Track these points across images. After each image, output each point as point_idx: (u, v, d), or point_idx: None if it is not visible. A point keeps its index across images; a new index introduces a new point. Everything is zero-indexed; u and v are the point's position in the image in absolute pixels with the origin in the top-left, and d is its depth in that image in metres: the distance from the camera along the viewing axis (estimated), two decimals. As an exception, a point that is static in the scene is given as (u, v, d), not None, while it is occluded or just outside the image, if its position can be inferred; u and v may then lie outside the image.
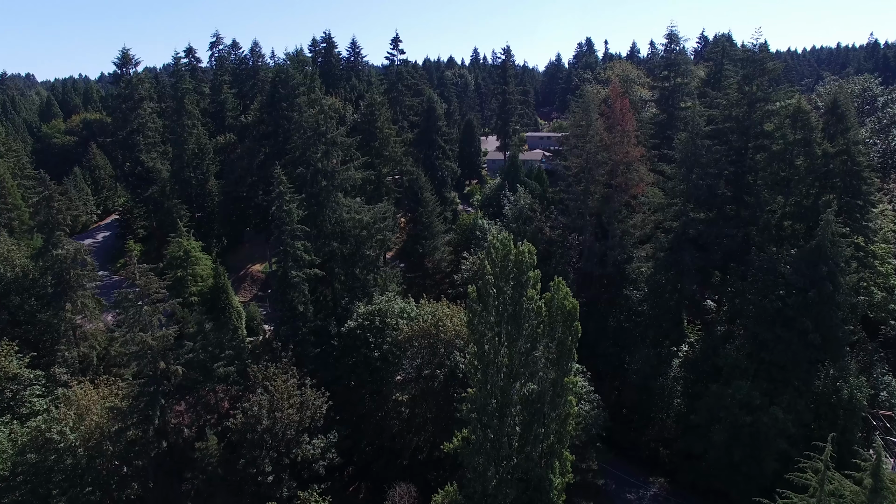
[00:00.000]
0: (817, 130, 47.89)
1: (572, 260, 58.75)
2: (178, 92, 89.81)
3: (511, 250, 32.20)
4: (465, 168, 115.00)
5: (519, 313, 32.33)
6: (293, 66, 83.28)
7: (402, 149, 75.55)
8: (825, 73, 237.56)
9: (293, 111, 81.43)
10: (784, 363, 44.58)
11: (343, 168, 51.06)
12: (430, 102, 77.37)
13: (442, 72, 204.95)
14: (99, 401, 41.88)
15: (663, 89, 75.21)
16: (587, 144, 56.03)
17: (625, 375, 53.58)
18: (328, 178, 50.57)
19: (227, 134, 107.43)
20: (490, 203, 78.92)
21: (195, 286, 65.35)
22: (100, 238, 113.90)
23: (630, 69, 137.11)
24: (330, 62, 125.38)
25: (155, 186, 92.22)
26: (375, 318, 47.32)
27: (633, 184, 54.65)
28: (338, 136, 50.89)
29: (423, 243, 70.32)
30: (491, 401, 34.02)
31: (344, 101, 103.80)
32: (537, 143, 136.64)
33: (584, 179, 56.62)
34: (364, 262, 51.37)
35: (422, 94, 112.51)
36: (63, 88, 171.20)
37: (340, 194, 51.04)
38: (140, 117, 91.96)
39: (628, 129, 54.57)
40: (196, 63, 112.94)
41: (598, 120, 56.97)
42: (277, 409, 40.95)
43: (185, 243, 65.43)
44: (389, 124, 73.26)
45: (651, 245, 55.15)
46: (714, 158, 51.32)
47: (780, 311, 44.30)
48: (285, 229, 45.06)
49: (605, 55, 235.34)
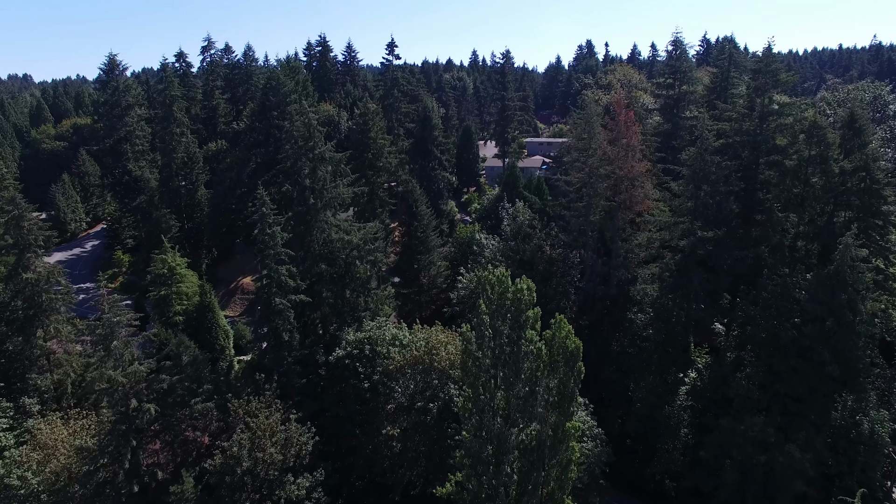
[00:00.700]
0: (834, 146, 45.12)
1: (574, 279, 56.03)
2: (167, 99, 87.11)
3: (508, 287, 29.43)
4: (463, 175, 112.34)
5: (517, 356, 29.55)
6: (284, 73, 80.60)
7: (397, 160, 72.82)
8: (828, 75, 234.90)
9: (284, 119, 78.69)
10: (800, 396, 41.83)
11: (332, 185, 48.26)
12: (425, 111, 74.58)
13: (440, 75, 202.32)
14: (68, 438, 39.16)
15: (668, 98, 72.50)
16: (589, 159, 53.28)
17: (629, 403, 50.84)
18: (316, 196, 47.80)
19: (219, 141, 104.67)
20: (488, 215, 76.19)
21: (180, 305, 62.59)
22: (88, 247, 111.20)
23: (632, 73, 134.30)
24: (325, 66, 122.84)
25: (143, 196, 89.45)
26: (365, 346, 44.57)
27: (638, 201, 51.92)
28: (326, 151, 48.10)
29: (418, 258, 67.56)
30: (487, 447, 31.26)
31: (338, 108, 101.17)
32: (537, 149, 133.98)
33: (587, 195, 53.85)
34: (354, 284, 48.62)
35: (418, 99, 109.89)
36: (54, 92, 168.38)
37: (329, 213, 48.27)
38: (127, 125, 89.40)
39: (633, 143, 51.83)
40: (187, 68, 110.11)
41: (600, 133, 54.23)
42: (259, 449, 38.16)
43: (169, 260, 62.62)
44: (384, 134, 70.52)
45: (657, 265, 52.46)
46: (724, 175, 48.55)
47: (796, 340, 41.57)
48: (269, 253, 42.30)
49: (606, 57, 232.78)
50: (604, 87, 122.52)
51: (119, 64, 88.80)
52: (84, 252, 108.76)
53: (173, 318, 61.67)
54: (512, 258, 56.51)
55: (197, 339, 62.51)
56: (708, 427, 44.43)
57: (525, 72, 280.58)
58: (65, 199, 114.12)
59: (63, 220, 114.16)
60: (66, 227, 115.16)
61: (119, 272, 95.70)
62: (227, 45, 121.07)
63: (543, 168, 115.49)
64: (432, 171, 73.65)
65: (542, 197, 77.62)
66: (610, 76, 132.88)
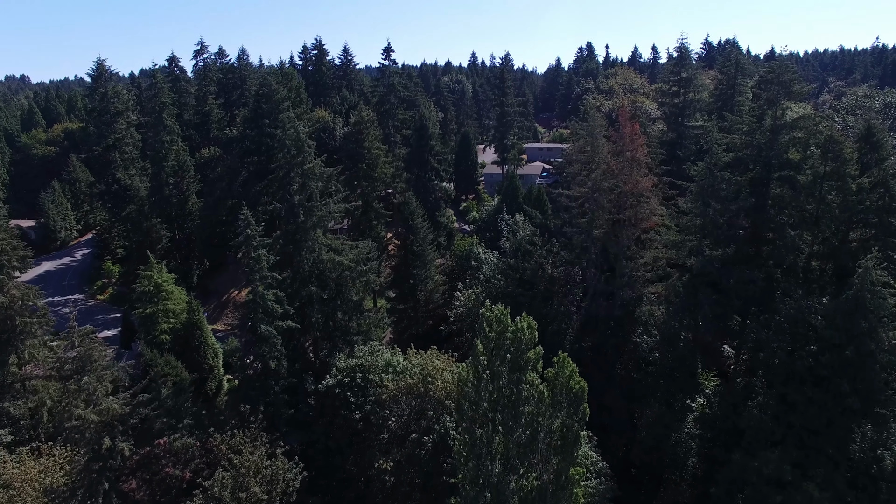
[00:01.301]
0: (851, 162, 42.75)
1: (576, 298, 53.66)
2: (156, 106, 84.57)
3: (508, 326, 27.05)
4: (462, 183, 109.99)
5: (517, 400, 27.19)
6: (277, 80, 78.20)
7: (393, 170, 70.46)
8: (830, 78, 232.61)
9: (276, 128, 76.27)
10: (816, 428, 39.41)
11: (322, 203, 45.87)
12: (422, 121, 72.20)
13: (438, 78, 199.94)
14: (37, 476, 36.72)
15: (672, 106, 70.13)
16: (592, 172, 50.92)
17: (634, 430, 48.51)
18: (306, 214, 45.43)
19: (212, 147, 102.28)
20: (487, 227, 73.81)
21: (166, 323, 60.26)
22: (78, 256, 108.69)
23: (633, 78, 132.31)
24: (321, 70, 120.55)
25: (133, 205, 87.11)
26: (357, 374, 42.17)
27: (644, 217, 49.54)
28: (316, 166, 45.72)
29: (414, 273, 65.19)
30: (484, 494, 28.95)
31: (334, 114, 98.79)
32: (537, 155, 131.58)
33: (589, 210, 51.48)
34: (346, 306, 46.26)
35: (416, 104, 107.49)
36: (46, 96, 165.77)
37: (320, 231, 45.89)
38: (116, 132, 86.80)
39: (638, 156, 49.43)
40: (180, 72, 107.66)
41: (604, 145, 51.86)
42: (242, 489, 35.79)
43: (155, 276, 60.20)
44: (379, 144, 68.11)
45: (663, 284, 50.09)
46: (734, 191, 46.20)
47: (812, 369, 39.18)
48: (255, 277, 39.90)
49: (607, 59, 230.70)
50: (605, 91, 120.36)
51: (107, 69, 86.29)
52: (74, 261, 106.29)
53: (159, 336, 59.34)
54: (512, 276, 54.16)
55: (184, 358, 60.23)
56: (718, 459, 42.09)
57: (524, 74, 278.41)
58: (54, 206, 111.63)
59: (53, 228, 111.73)
60: (55, 235, 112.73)
61: (108, 283, 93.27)
62: (221, 48, 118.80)
63: (544, 175, 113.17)
64: (429, 181, 71.26)
65: (543, 209, 75.19)
66: (611, 80, 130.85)
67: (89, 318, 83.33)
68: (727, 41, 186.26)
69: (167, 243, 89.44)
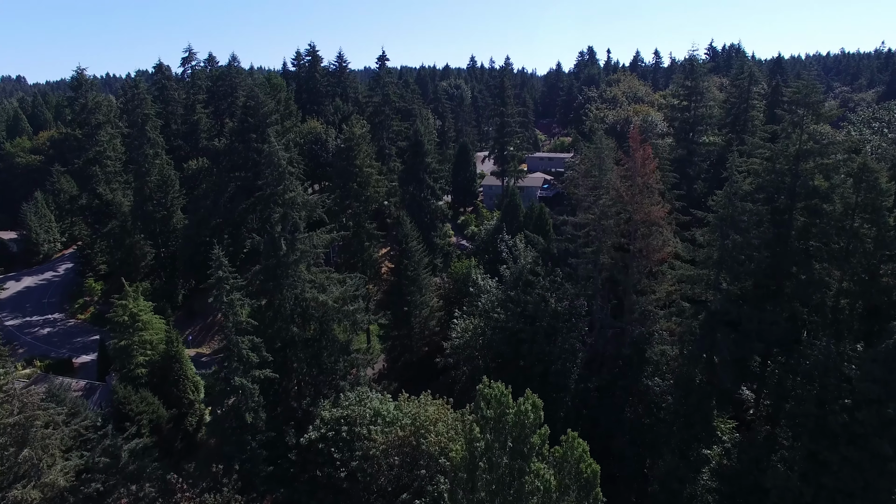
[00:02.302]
0: (889, 194, 38.83)
1: (581, 332, 49.71)
2: (139, 118, 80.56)
3: (509, 407, 23.11)
4: (460, 195, 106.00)
5: (519, 492, 23.24)
6: (265, 91, 74.26)
7: (386, 188, 66.54)
8: (835, 83, 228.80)
9: (264, 143, 72.36)
10: (852, 491, 35.54)
11: (305, 236, 41.91)
12: (416, 136, 68.22)
13: (437, 82, 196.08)
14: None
15: (683, 121, 66.25)
16: (600, 199, 47.03)
17: (645, 482, 44.55)
18: (288, 247, 41.47)
19: (201, 158, 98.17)
20: (486, 248, 69.84)
21: (143, 355, 56.24)
22: (61, 270, 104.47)
23: (637, 85, 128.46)
24: (314, 78, 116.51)
25: (115, 221, 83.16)
26: (342, 427, 38.21)
27: (656, 249, 45.62)
28: (298, 195, 41.77)
29: (408, 300, 61.19)
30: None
31: (326, 125, 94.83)
32: (537, 165, 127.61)
33: (596, 239, 47.59)
34: (332, 348, 42.31)
35: (412, 114, 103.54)
36: (33, 101, 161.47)
37: (303, 266, 41.92)
38: (98, 144, 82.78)
39: (650, 183, 45.53)
40: (167, 81, 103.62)
41: (613, 169, 47.96)
42: (210, 565, 31.93)
43: (131, 306, 56.20)
44: (371, 161, 64.14)
45: (676, 320, 46.14)
46: (755, 222, 42.32)
47: (847, 426, 35.28)
48: (228, 324, 35.95)
49: (608, 64, 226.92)
50: (609, 101, 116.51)
51: (88, 78, 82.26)
52: (56, 276, 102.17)
53: (135, 370, 55.35)
54: (513, 311, 50.17)
55: (162, 392, 56.35)
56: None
57: (524, 78, 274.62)
58: (37, 218, 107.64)
59: (35, 240, 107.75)
60: (38, 248, 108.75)
61: (90, 301, 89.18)
62: (211, 54, 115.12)
63: (545, 187, 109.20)
64: (424, 200, 67.39)
65: (545, 229, 71.29)
66: (614, 89, 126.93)
67: (68, 340, 79.42)
68: (731, 46, 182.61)
69: (151, 261, 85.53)
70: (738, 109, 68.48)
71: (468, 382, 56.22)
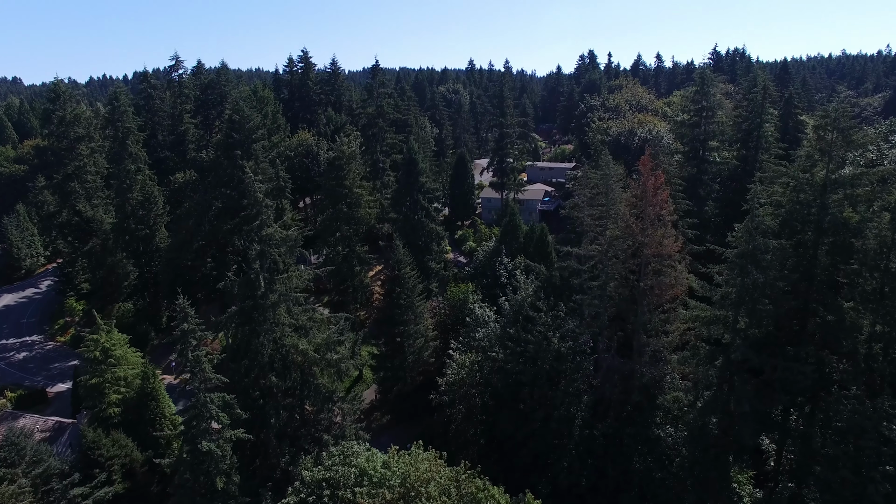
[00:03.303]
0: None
1: (587, 372, 45.98)
2: (120, 132, 76.66)
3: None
4: (457, 209, 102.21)
5: None
6: (251, 105, 70.43)
7: (377, 210, 62.76)
8: (840, 87, 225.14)
9: (249, 159, 68.55)
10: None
11: (284, 276, 38.10)
12: (410, 154, 64.39)
13: (435, 86, 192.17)
14: None
15: (692, 138, 62.51)
16: (607, 229, 43.28)
17: (658, 542, 40.82)
18: (267, 288, 37.69)
19: (188, 171, 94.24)
20: (484, 272, 66.09)
21: (116, 394, 52.33)
22: (43, 287, 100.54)
23: (640, 92, 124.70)
24: (307, 85, 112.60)
25: (96, 239, 79.31)
26: (324, 491, 34.36)
27: (668, 286, 41.85)
28: (276, 231, 37.94)
29: (401, 330, 57.47)
30: None
31: (318, 137, 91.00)
32: (538, 175, 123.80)
33: (603, 274, 43.83)
34: (314, 398, 38.52)
35: (408, 124, 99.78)
36: (20, 107, 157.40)
37: (283, 308, 38.13)
38: (77, 158, 78.89)
39: (663, 214, 41.74)
40: (152, 90, 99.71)
41: (621, 197, 44.20)
42: None
43: (103, 340, 52.31)
44: (361, 182, 60.34)
45: (690, 361, 42.34)
46: (779, 259, 38.56)
47: (891, 497, 31.62)
48: (195, 381, 32.17)
49: (609, 67, 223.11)
50: (611, 109, 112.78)
51: (67, 90, 78.36)
52: (37, 293, 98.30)
53: (107, 410, 51.43)
54: (512, 350, 46.45)
55: (136, 434, 52.45)
56: None
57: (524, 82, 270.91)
58: (19, 232, 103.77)
59: (17, 255, 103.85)
60: (20, 263, 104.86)
61: (70, 322, 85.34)
62: (200, 62, 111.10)
63: (546, 200, 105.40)
64: (418, 222, 63.66)
65: (545, 248, 67.55)
66: (616, 96, 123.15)
67: (45, 366, 75.58)
68: (736, 51, 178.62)
69: (134, 280, 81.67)
70: (751, 124, 64.72)
71: (464, 422, 52.59)
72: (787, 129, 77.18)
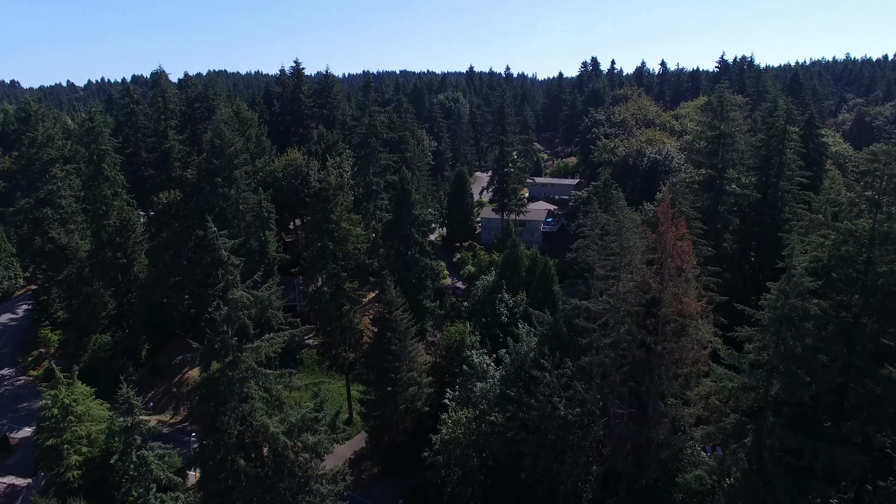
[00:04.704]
0: None
1: (595, 440, 41.16)
2: (95, 154, 71.88)
3: None
4: (456, 230, 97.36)
5: None
6: (232, 128, 65.66)
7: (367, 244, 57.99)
8: (849, 94, 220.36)
9: (231, 187, 63.85)
10: None
11: (252, 347, 33.30)
12: (403, 183, 59.50)
13: (434, 95, 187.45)
14: None
15: (710, 167, 57.71)
16: (621, 283, 38.49)
17: None
18: (233, 359, 32.93)
19: (173, 191, 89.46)
20: (483, 309, 61.23)
21: (77, 455, 47.54)
22: (20, 312, 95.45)
23: (647, 105, 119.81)
24: (299, 98, 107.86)
25: (71, 267, 74.52)
26: None
27: (689, 349, 37.06)
28: (243, 295, 33.10)
29: (392, 378, 52.72)
30: None
31: (308, 157, 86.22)
32: (540, 192, 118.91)
33: (614, 330, 39.01)
34: (288, 482, 33.73)
35: (403, 142, 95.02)
36: (4, 119, 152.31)
37: (253, 382, 33.35)
38: (50, 182, 74.20)
39: (685, 268, 36.94)
40: (135, 105, 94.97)
41: (637, 246, 39.36)
42: None
43: (62, 395, 47.46)
44: (350, 215, 55.57)
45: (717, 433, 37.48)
46: (819, 324, 33.76)
47: None
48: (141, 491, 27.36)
49: (611, 73, 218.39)
50: (617, 124, 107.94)
51: (39, 109, 73.68)
52: (14, 319, 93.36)
53: (66, 474, 46.60)
54: (513, 414, 41.59)
55: (100, 500, 47.89)
56: None
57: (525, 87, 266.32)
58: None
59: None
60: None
61: (45, 354, 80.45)
62: (187, 73, 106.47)
63: (549, 221, 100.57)
64: (412, 259, 58.89)
65: (549, 283, 62.83)
66: (622, 109, 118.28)
67: (12, 406, 70.61)
68: (743, 58, 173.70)
69: (113, 310, 76.88)
70: (772, 150, 59.91)
71: (461, 484, 47.84)
72: (807, 149, 72.20)
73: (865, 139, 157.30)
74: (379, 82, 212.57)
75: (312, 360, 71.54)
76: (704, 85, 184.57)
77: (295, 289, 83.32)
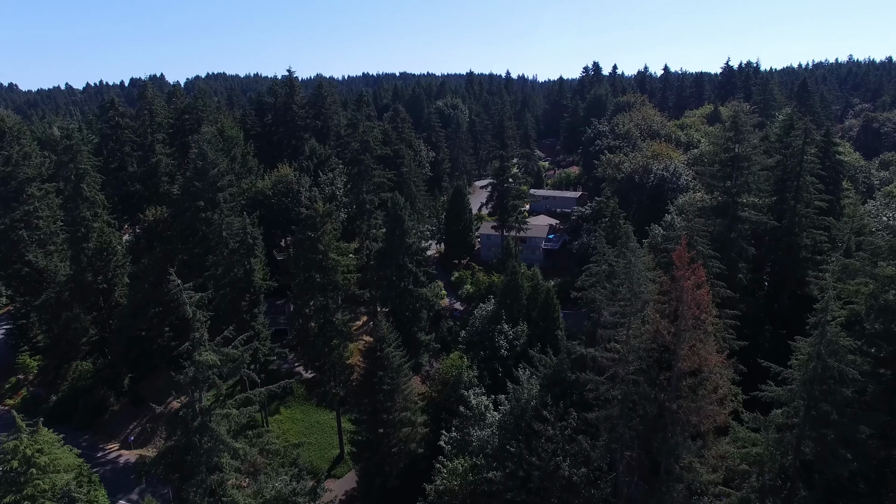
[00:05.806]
0: None
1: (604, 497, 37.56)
2: (73, 174, 68.32)
3: None
4: (454, 247, 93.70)
5: None
6: (216, 147, 62.13)
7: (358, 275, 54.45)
8: (854, 99, 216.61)
9: (214, 210, 60.33)
10: None
11: (222, 413, 29.76)
12: (396, 209, 56.00)
13: (432, 101, 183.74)
14: None
15: (723, 191, 54.17)
16: (631, 333, 34.91)
17: None
18: (201, 425, 29.39)
19: (159, 207, 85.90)
20: (481, 341, 57.73)
21: (38, 511, 43.75)
22: (0, 333, 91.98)
23: (651, 114, 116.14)
24: (291, 110, 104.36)
25: (50, 291, 71.01)
26: None
27: (707, 409, 33.47)
28: (209, 356, 29.54)
29: (383, 419, 49.19)
30: None
31: (300, 173, 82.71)
32: (541, 205, 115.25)
33: (623, 383, 35.44)
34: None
35: (399, 155, 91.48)
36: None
37: (227, 455, 29.83)
38: (27, 202, 70.77)
39: (704, 318, 33.35)
40: (120, 118, 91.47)
41: (650, 291, 35.78)
42: None
43: (24, 446, 43.71)
44: (338, 245, 52.05)
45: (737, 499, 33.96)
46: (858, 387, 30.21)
47: None
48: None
49: (613, 76, 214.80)
50: (621, 136, 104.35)
51: (15, 125, 70.16)
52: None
53: (20, 542, 42.75)
54: (513, 472, 37.98)
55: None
56: None
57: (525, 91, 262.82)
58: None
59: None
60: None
61: (23, 381, 76.92)
62: (177, 83, 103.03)
63: (550, 238, 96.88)
64: (405, 290, 55.39)
65: (552, 313, 59.15)
66: (625, 118, 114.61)
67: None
68: (748, 64, 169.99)
69: (94, 336, 73.28)
70: (788, 172, 56.40)
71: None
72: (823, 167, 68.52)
73: (873, 146, 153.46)
74: (377, 86, 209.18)
75: (303, 389, 68.21)
76: (709, 91, 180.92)
77: (286, 312, 79.78)
